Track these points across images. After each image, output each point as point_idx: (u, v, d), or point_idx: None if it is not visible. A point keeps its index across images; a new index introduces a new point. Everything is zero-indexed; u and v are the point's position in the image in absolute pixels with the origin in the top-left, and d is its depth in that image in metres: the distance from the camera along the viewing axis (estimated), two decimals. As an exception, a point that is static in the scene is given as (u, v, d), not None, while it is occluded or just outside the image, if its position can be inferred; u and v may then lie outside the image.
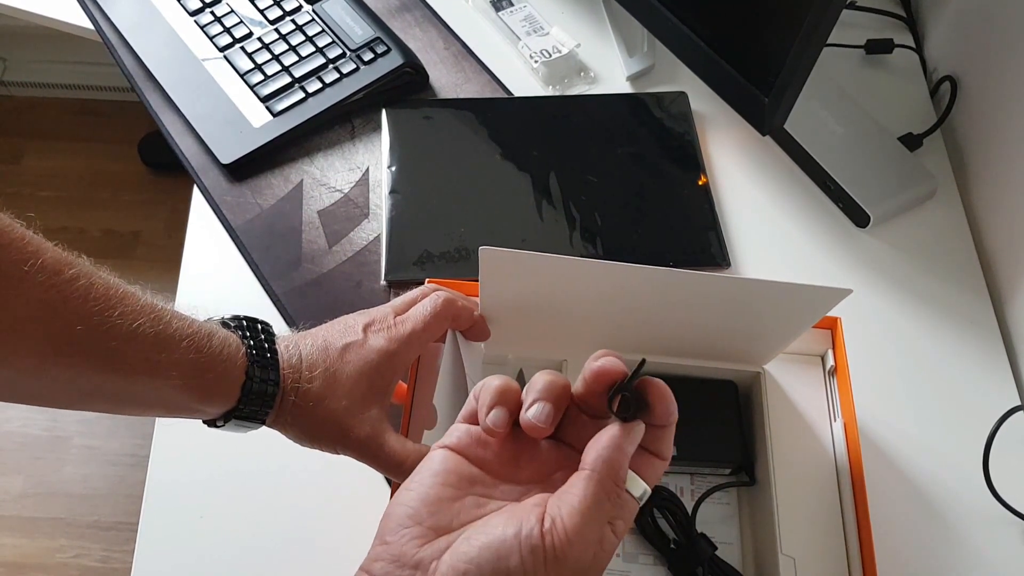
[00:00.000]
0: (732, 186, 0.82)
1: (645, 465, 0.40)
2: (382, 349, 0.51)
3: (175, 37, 0.87)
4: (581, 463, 0.39)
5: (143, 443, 1.55)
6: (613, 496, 0.38)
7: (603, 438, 0.39)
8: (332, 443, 0.51)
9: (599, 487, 0.38)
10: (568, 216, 0.78)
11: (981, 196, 0.81)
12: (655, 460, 0.41)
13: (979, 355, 0.73)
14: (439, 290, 0.57)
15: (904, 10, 0.94)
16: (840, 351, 0.62)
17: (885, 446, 0.67)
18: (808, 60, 0.66)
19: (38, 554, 1.45)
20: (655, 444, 0.41)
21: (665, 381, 0.60)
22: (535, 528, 0.37)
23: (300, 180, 0.80)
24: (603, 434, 0.39)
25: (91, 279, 0.43)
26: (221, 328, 0.49)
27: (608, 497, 0.38)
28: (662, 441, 0.41)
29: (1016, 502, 0.64)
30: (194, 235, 0.78)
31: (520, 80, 0.88)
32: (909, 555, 0.63)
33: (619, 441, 0.39)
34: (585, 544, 0.37)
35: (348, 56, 0.85)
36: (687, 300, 0.55)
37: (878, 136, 0.82)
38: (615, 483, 0.38)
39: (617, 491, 0.38)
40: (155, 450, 0.66)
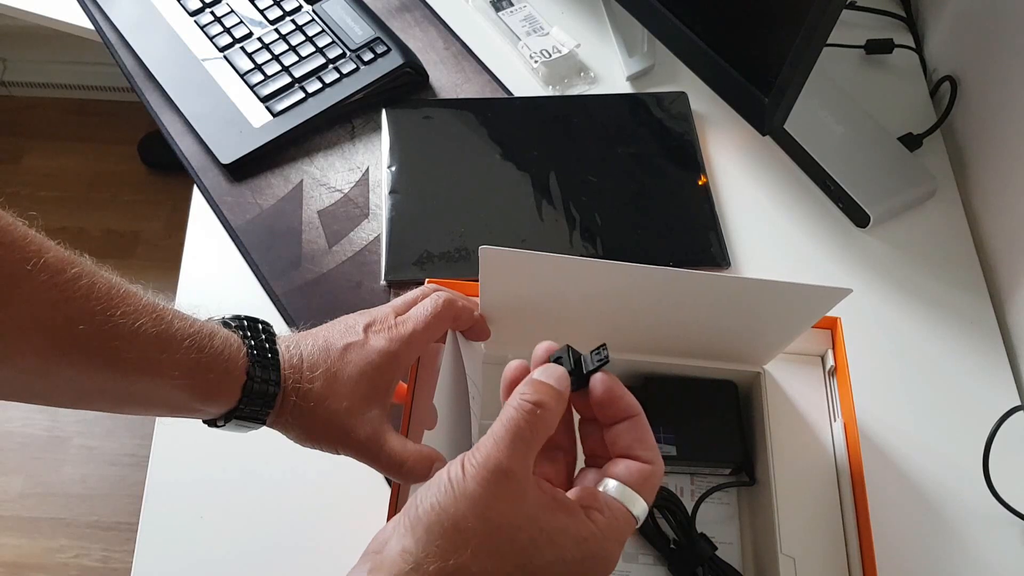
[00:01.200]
0: (732, 186, 0.82)
1: (626, 473, 0.40)
2: (383, 349, 0.51)
3: (175, 37, 0.87)
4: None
5: (143, 443, 1.55)
6: (529, 415, 0.38)
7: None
8: (333, 443, 0.51)
9: (511, 408, 0.39)
10: (568, 216, 0.78)
11: (981, 196, 0.81)
12: (645, 467, 0.41)
13: (979, 355, 0.73)
14: (439, 290, 0.57)
15: (904, 10, 0.94)
16: (840, 351, 0.62)
17: (885, 446, 0.67)
18: (808, 60, 0.66)
19: (38, 554, 1.45)
20: (629, 446, 0.41)
21: (665, 381, 0.61)
22: (449, 468, 0.38)
23: (300, 180, 0.80)
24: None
25: (93, 278, 0.43)
26: (222, 328, 0.49)
27: (525, 418, 0.38)
28: (634, 439, 0.41)
29: (1016, 502, 0.64)
30: (194, 235, 0.78)
31: (520, 80, 0.88)
32: (909, 555, 0.63)
33: (525, 365, 0.41)
34: (502, 475, 0.37)
35: (348, 56, 0.85)
36: (687, 300, 0.55)
37: (878, 136, 0.82)
38: (528, 400, 0.39)
39: (532, 409, 0.39)
40: (155, 450, 0.66)
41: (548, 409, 0.39)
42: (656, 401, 0.61)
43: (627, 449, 0.41)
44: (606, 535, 0.39)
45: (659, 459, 0.41)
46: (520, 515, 0.37)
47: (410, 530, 0.36)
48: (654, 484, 0.41)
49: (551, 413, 0.39)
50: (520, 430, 0.38)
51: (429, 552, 0.36)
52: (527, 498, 0.37)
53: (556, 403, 0.40)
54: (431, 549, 0.36)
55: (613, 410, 0.41)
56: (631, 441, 0.41)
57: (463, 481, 0.37)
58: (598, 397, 0.41)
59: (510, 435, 0.38)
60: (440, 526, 0.36)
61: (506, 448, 0.37)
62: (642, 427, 0.41)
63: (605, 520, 0.39)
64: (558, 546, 0.37)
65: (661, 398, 0.61)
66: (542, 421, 0.39)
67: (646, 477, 0.41)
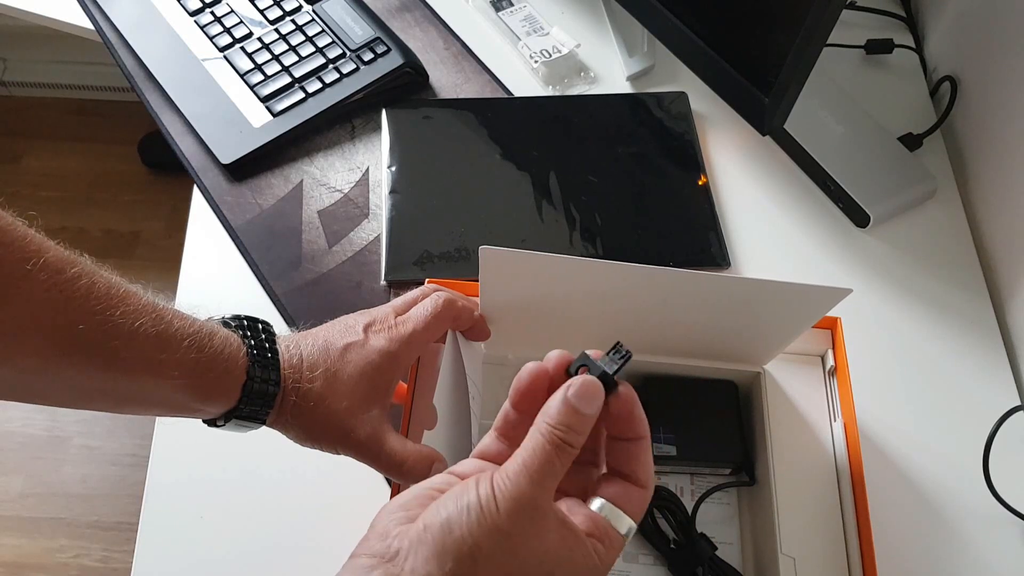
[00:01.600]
0: (732, 186, 0.82)
1: (624, 496, 0.40)
2: (383, 349, 0.51)
3: (175, 37, 0.87)
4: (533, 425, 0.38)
5: (143, 443, 1.55)
6: (561, 451, 0.37)
7: (558, 394, 0.39)
8: (332, 443, 0.51)
9: (545, 441, 0.37)
10: (568, 216, 0.78)
11: (981, 196, 0.81)
12: (633, 489, 0.40)
13: (979, 355, 0.73)
14: (439, 290, 0.57)
15: (904, 10, 0.94)
16: (840, 351, 0.62)
17: (885, 446, 0.67)
18: (808, 60, 0.66)
19: (38, 554, 1.45)
20: (629, 465, 0.40)
21: (665, 381, 0.61)
22: (479, 490, 0.36)
23: (300, 180, 0.80)
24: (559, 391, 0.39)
25: (93, 278, 0.43)
26: (222, 328, 0.49)
27: (557, 453, 0.37)
28: (637, 462, 0.40)
29: (1016, 502, 0.64)
30: (194, 235, 0.78)
31: (520, 80, 0.88)
32: (909, 555, 0.63)
33: (565, 393, 0.38)
34: (533, 511, 0.36)
35: (348, 56, 0.85)
36: (687, 300, 0.55)
37: (878, 136, 0.82)
38: (563, 438, 0.37)
39: (565, 446, 0.37)
40: (155, 450, 0.66)
41: (578, 445, 0.38)
42: (656, 401, 0.61)
43: (625, 467, 0.41)
44: (605, 563, 0.39)
45: (652, 482, 0.41)
46: (543, 550, 0.37)
47: (436, 555, 0.35)
48: (644, 506, 0.41)
49: (579, 445, 0.38)
50: (553, 465, 0.37)
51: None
52: (551, 532, 0.37)
53: (586, 433, 0.38)
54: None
55: (626, 426, 0.41)
56: (635, 463, 0.41)
57: (496, 514, 0.36)
58: (618, 412, 0.40)
59: (543, 470, 0.37)
60: (472, 558, 0.35)
61: (539, 484, 0.37)
62: (646, 451, 0.41)
63: (605, 551, 0.39)
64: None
65: (661, 398, 0.61)
66: (571, 456, 0.38)
67: (638, 500, 0.40)
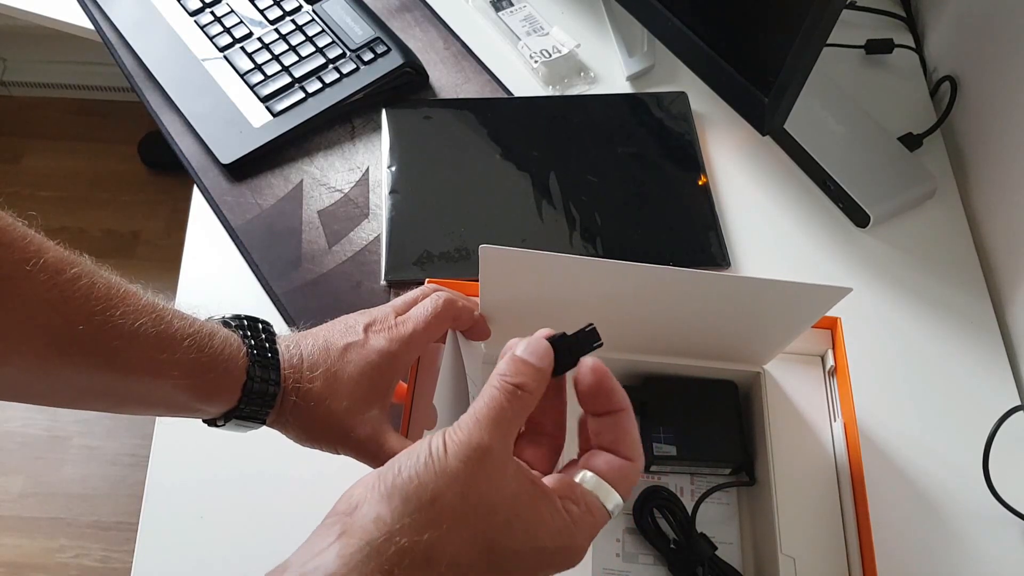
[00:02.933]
0: (732, 186, 0.82)
1: (607, 468, 0.40)
2: (383, 349, 0.51)
3: (175, 37, 0.87)
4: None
5: (143, 443, 1.55)
6: (512, 396, 0.38)
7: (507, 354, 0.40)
8: (333, 443, 0.51)
9: (494, 389, 0.38)
10: (568, 216, 0.78)
11: (981, 196, 0.81)
12: (618, 461, 0.41)
13: (979, 355, 0.73)
14: (439, 290, 0.57)
15: (904, 10, 0.94)
16: (840, 351, 0.62)
17: (885, 446, 0.67)
18: (808, 60, 0.66)
19: (38, 554, 1.45)
20: (613, 438, 0.41)
21: (665, 381, 0.61)
22: (431, 441, 0.37)
23: (300, 180, 0.80)
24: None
25: (93, 278, 0.43)
26: (222, 328, 0.49)
27: (507, 398, 0.38)
28: (618, 434, 0.41)
29: (1016, 502, 0.64)
30: (194, 235, 0.78)
31: (520, 80, 0.88)
32: (909, 555, 0.63)
33: (514, 351, 0.40)
34: (484, 455, 0.37)
35: (348, 56, 0.85)
36: (687, 300, 0.55)
37: (878, 136, 0.82)
38: (511, 382, 0.39)
39: (515, 390, 0.38)
40: (155, 450, 0.66)
41: (529, 391, 0.39)
42: (656, 401, 0.61)
43: (611, 443, 0.41)
44: (579, 528, 0.39)
45: (640, 456, 0.41)
46: (498, 496, 0.37)
47: (386, 498, 0.36)
48: (632, 481, 0.41)
49: (532, 395, 0.39)
50: (502, 411, 0.38)
51: (404, 524, 0.35)
52: (506, 479, 0.37)
53: (537, 383, 0.40)
54: (406, 521, 0.35)
55: (605, 400, 0.41)
56: (616, 436, 0.41)
57: (444, 457, 0.36)
58: (587, 387, 0.41)
59: (492, 415, 0.38)
60: (418, 499, 0.36)
61: (488, 428, 0.37)
62: (628, 422, 0.41)
63: (580, 513, 0.39)
64: (531, 535, 0.37)
65: (661, 398, 0.61)
66: (523, 402, 0.39)
67: (625, 474, 0.40)
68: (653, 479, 0.62)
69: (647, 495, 0.60)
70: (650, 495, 0.60)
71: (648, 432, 0.60)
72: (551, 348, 0.40)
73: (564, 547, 0.38)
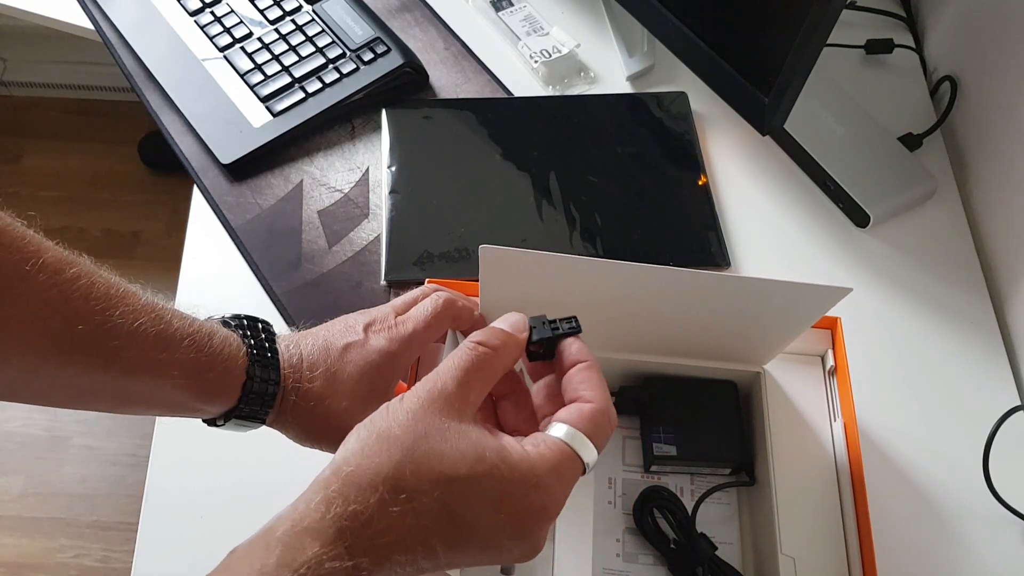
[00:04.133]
0: (732, 186, 0.82)
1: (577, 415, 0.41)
2: (383, 349, 0.51)
3: (175, 37, 0.87)
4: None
5: (143, 443, 1.55)
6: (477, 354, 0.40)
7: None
8: (332, 443, 0.51)
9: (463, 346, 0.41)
10: (568, 216, 0.78)
11: (981, 196, 0.81)
12: (585, 406, 0.41)
13: (979, 355, 0.73)
14: (439, 290, 0.57)
15: (904, 10, 0.94)
16: (840, 351, 0.62)
17: (885, 446, 0.67)
18: (808, 60, 0.66)
19: (38, 554, 1.45)
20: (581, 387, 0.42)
21: (665, 381, 0.61)
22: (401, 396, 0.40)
23: (300, 180, 0.80)
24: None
25: (92, 278, 0.43)
26: (222, 327, 0.49)
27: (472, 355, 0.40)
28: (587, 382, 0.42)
29: (1016, 502, 0.64)
30: (194, 235, 0.78)
31: (520, 80, 0.88)
32: (909, 555, 0.63)
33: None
34: (445, 402, 0.38)
35: (348, 56, 0.85)
36: (687, 300, 0.55)
37: (878, 136, 0.82)
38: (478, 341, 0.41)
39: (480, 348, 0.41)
40: (155, 450, 0.66)
41: (498, 351, 0.41)
42: (656, 401, 0.61)
43: (574, 392, 0.42)
44: (539, 463, 0.39)
45: (603, 399, 0.42)
46: (453, 432, 0.38)
47: (354, 438, 0.39)
48: (599, 422, 0.41)
49: (501, 355, 0.41)
50: (466, 365, 0.40)
51: (349, 456, 0.37)
52: (462, 422, 0.39)
53: (504, 343, 0.41)
54: (353, 452, 0.38)
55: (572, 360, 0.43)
56: (578, 383, 0.42)
57: (412, 401, 0.39)
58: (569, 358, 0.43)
59: (454, 368, 0.40)
60: (380, 440, 0.38)
61: (448, 378, 0.39)
62: (591, 371, 0.42)
63: (537, 451, 0.39)
64: (488, 463, 0.38)
65: (661, 398, 0.61)
66: (489, 361, 0.40)
67: (596, 421, 0.41)
68: (653, 479, 0.62)
69: (647, 495, 0.60)
70: (650, 495, 0.60)
71: (648, 432, 0.60)
72: (525, 317, 0.43)
73: (525, 481, 0.38)
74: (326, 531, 0.35)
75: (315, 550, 0.35)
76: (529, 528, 0.39)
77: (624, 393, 0.62)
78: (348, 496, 0.36)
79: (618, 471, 0.62)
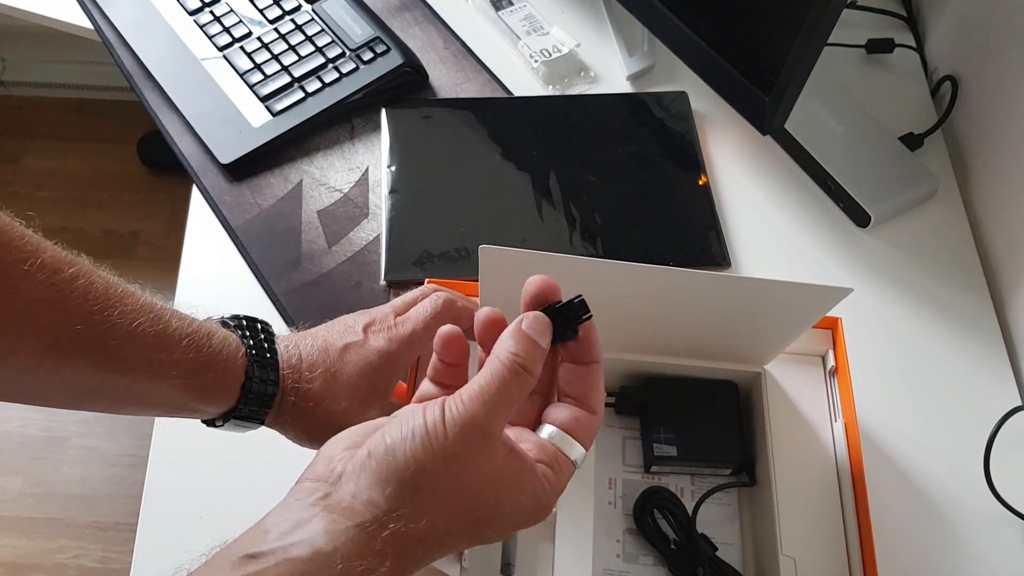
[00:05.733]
0: (732, 186, 0.82)
1: (574, 423, 0.41)
2: (382, 350, 0.51)
3: (174, 37, 0.87)
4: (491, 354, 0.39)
5: (142, 443, 1.54)
6: (519, 377, 0.37)
7: (512, 326, 0.39)
8: (332, 443, 0.50)
9: (504, 367, 0.37)
10: (568, 216, 0.78)
11: (982, 196, 0.81)
12: (583, 415, 0.41)
13: (980, 355, 0.72)
14: (439, 290, 0.57)
15: (905, 9, 0.94)
16: (841, 351, 0.62)
17: (886, 446, 0.67)
18: (809, 59, 0.66)
19: (37, 554, 1.45)
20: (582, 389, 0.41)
21: (665, 381, 0.61)
22: (426, 414, 0.36)
23: (300, 180, 0.80)
24: (512, 324, 0.39)
25: (91, 278, 0.43)
26: (221, 328, 0.49)
27: (514, 379, 0.37)
28: (588, 386, 0.41)
29: (1017, 502, 0.64)
30: (193, 235, 0.78)
31: (520, 80, 0.88)
32: (909, 555, 0.63)
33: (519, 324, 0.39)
34: (483, 436, 0.36)
35: (348, 56, 0.85)
36: (687, 300, 0.55)
37: (879, 136, 0.82)
38: (522, 364, 0.38)
39: (523, 372, 0.38)
40: (154, 450, 0.66)
41: (533, 373, 0.39)
42: (656, 401, 0.61)
43: (581, 394, 0.42)
44: (554, 488, 0.40)
45: (602, 410, 0.42)
46: (491, 475, 0.37)
47: (379, 481, 0.35)
48: (594, 434, 0.42)
49: (534, 377, 0.39)
50: (510, 391, 0.37)
51: (400, 512, 0.35)
52: (498, 457, 0.38)
53: (539, 365, 0.39)
54: (403, 510, 0.35)
55: (582, 350, 0.42)
56: (587, 387, 0.42)
57: (444, 438, 0.36)
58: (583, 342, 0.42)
59: (499, 395, 0.37)
60: (415, 484, 0.35)
61: (493, 408, 0.37)
62: (599, 375, 0.42)
63: (555, 477, 0.40)
64: (515, 502, 0.38)
65: (661, 398, 0.61)
66: (525, 384, 0.38)
67: (590, 426, 0.41)
68: (653, 480, 0.62)
69: (647, 495, 0.59)
70: (650, 496, 0.59)
71: (648, 432, 0.60)
72: (550, 324, 0.40)
73: (540, 506, 0.40)
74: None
75: None
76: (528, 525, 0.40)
77: (624, 393, 0.62)
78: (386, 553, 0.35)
79: (618, 472, 0.62)
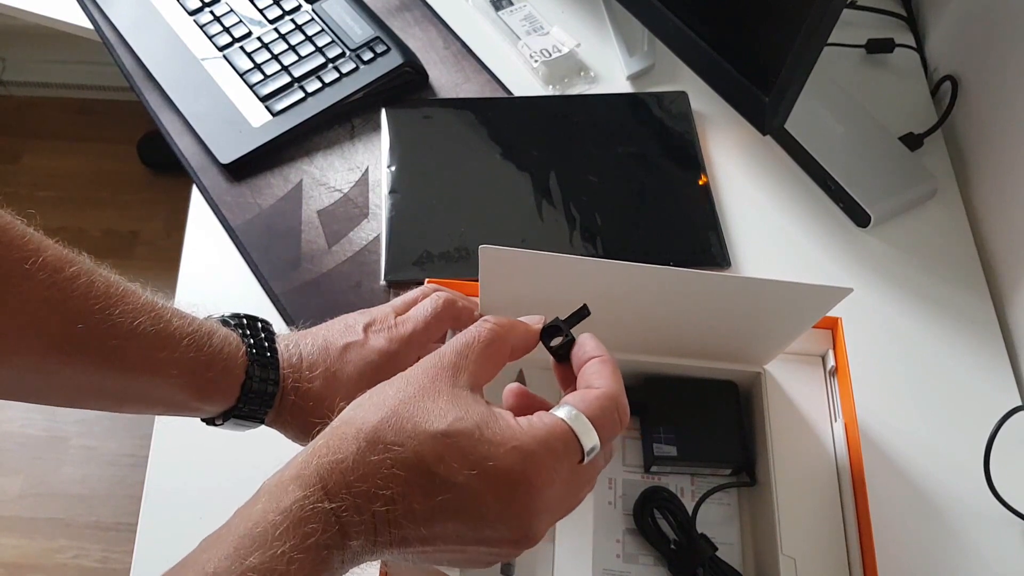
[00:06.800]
0: (732, 186, 0.82)
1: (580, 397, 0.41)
2: (382, 349, 0.51)
3: (174, 36, 0.87)
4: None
5: (142, 443, 1.53)
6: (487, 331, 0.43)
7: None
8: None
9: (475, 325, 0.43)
10: (568, 216, 0.78)
11: (982, 196, 0.81)
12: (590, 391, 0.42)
13: (980, 355, 0.72)
14: (439, 290, 0.57)
15: (905, 9, 0.94)
16: (841, 351, 0.62)
17: (886, 446, 0.67)
18: (809, 59, 0.66)
19: (37, 555, 1.45)
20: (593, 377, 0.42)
21: (665, 381, 0.61)
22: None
23: (299, 180, 0.80)
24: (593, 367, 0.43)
25: (92, 277, 0.43)
26: (221, 327, 0.49)
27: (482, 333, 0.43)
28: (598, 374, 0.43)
29: (1017, 502, 0.64)
30: (193, 235, 0.78)
31: (520, 80, 0.88)
32: (909, 555, 0.63)
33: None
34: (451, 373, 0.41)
35: (348, 56, 0.85)
36: (687, 300, 0.55)
37: (879, 136, 0.82)
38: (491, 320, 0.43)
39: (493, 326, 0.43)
40: (154, 450, 0.66)
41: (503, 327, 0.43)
42: (656, 401, 0.61)
43: (585, 382, 0.43)
44: (525, 432, 0.39)
45: (612, 386, 0.42)
46: (442, 395, 0.39)
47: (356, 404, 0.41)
48: (605, 406, 0.41)
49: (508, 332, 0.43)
50: (468, 339, 0.42)
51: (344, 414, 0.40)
52: (455, 387, 0.40)
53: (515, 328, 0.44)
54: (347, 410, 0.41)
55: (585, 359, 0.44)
56: (590, 375, 0.43)
57: (413, 371, 0.41)
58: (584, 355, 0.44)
59: (457, 340, 0.42)
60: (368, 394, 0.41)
61: (449, 349, 0.42)
62: (603, 364, 0.43)
63: (528, 423, 0.39)
64: (468, 423, 0.38)
65: (661, 398, 0.61)
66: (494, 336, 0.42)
67: (591, 399, 0.41)
68: (653, 480, 0.62)
69: (647, 496, 0.59)
70: (650, 496, 0.59)
71: (648, 432, 0.60)
72: (542, 318, 0.45)
73: (505, 449, 0.38)
74: (308, 477, 0.37)
75: (297, 495, 0.36)
76: (511, 497, 0.37)
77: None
78: (332, 446, 0.38)
79: (618, 472, 0.62)
